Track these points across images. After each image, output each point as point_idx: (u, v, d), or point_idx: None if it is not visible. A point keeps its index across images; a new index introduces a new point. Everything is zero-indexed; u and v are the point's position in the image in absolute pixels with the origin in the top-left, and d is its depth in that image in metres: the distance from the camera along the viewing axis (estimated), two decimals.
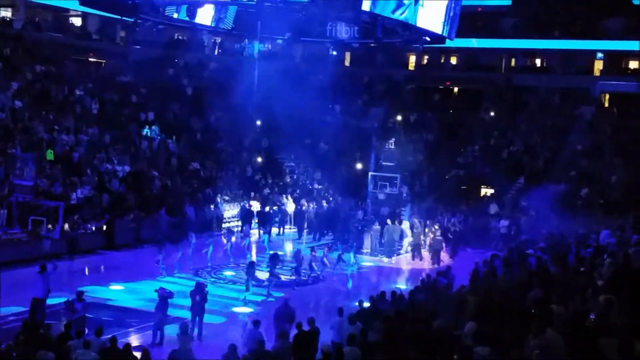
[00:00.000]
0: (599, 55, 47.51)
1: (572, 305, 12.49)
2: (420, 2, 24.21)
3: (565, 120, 43.27)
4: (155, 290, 18.10)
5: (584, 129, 42.35)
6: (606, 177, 36.95)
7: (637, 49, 45.19)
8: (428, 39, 27.71)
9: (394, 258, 30.19)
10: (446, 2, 25.65)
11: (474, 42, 47.54)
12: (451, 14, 26.21)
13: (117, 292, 22.15)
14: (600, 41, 46.17)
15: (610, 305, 11.48)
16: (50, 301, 18.37)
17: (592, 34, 46.16)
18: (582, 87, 46.63)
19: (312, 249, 25.65)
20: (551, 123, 43.02)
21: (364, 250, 30.37)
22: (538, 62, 51.23)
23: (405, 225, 31.41)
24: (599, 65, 48.01)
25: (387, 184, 36.48)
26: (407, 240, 30.95)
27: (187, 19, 29.01)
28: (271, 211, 34.34)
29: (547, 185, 37.14)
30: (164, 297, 17.56)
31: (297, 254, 25.06)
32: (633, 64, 47.80)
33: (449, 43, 30.10)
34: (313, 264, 24.88)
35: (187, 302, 18.28)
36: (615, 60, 47.80)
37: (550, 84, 46.99)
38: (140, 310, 19.77)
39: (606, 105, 46.52)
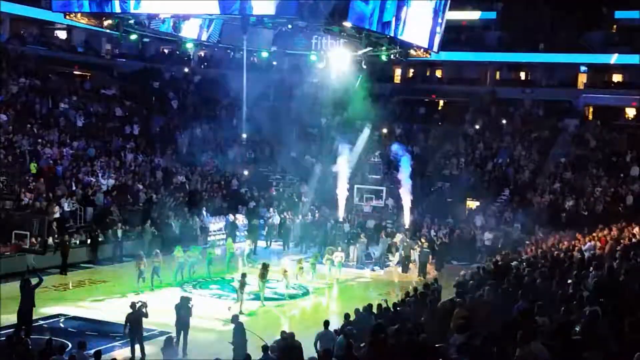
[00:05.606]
0: (583, 68, 47.89)
1: (557, 317, 12.48)
2: (405, 17, 24.23)
3: (550, 133, 43.60)
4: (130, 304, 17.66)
5: (568, 141, 42.70)
6: (590, 189, 37.16)
7: (621, 63, 45.63)
8: (413, 52, 27.75)
9: (382, 270, 30.23)
10: (431, 15, 25.71)
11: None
12: (436, 27, 26.26)
13: (100, 306, 21.97)
14: (584, 54, 46.54)
15: (596, 317, 11.47)
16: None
17: (576, 47, 46.54)
18: (566, 100, 47.09)
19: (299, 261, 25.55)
20: (535, 135, 43.33)
21: (350, 263, 30.29)
22: (522, 75, 51.56)
23: (398, 237, 31.39)
24: (582, 79, 48.39)
25: (373, 196, 36.60)
26: (398, 253, 30.90)
27: (172, 31, 28.94)
28: (257, 224, 34.29)
29: (532, 197, 37.35)
30: (136, 309, 17.22)
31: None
32: (616, 77, 48.23)
33: (434, 56, 30.20)
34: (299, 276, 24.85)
35: (172, 316, 18.11)
36: (599, 73, 48.21)
37: (535, 96, 47.38)
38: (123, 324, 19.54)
39: (590, 117, 46.90)
